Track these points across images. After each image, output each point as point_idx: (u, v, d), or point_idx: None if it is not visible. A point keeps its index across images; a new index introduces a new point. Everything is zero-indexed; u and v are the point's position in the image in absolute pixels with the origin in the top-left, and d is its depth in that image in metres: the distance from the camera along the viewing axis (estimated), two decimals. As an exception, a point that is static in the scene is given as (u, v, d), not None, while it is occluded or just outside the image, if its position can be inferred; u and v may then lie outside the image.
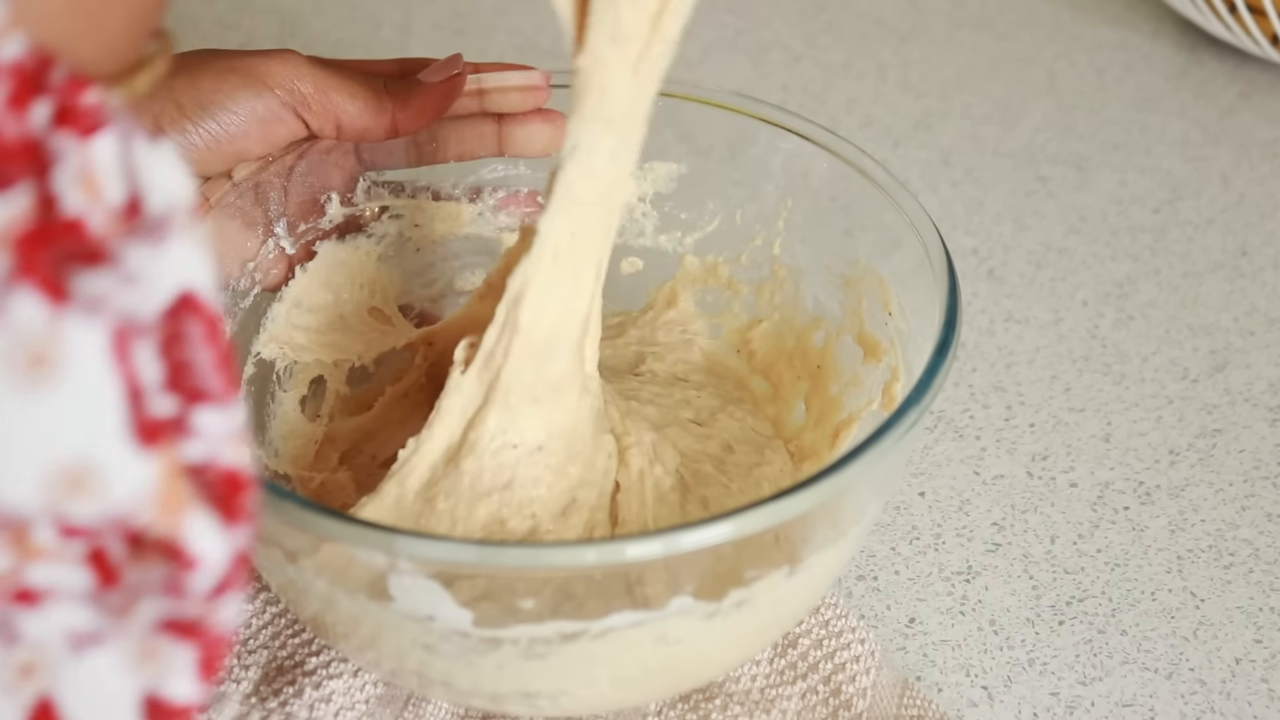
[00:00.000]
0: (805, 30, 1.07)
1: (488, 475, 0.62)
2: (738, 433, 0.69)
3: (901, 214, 0.66)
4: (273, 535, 0.57)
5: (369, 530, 0.54)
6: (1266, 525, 0.73)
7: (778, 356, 0.74)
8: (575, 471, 0.63)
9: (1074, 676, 0.67)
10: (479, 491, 0.61)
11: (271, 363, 0.71)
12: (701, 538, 0.53)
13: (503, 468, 0.62)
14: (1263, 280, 0.87)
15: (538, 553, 0.54)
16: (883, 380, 0.68)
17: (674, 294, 0.76)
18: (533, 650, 0.56)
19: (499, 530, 0.62)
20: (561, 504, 0.62)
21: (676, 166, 0.75)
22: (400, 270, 0.75)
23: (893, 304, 0.68)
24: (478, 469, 0.62)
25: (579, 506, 0.63)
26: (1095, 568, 0.71)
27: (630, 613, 0.56)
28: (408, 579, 0.54)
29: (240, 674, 0.65)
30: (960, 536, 0.73)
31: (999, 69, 1.03)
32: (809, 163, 0.71)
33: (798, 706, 0.65)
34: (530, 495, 0.62)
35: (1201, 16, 1.01)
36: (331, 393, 0.73)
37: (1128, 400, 0.80)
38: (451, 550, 0.54)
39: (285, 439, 0.71)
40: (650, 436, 0.66)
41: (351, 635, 0.59)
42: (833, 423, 0.70)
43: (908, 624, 0.69)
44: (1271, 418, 0.79)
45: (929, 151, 0.96)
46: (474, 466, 0.62)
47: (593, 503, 0.63)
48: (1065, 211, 0.92)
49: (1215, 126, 0.98)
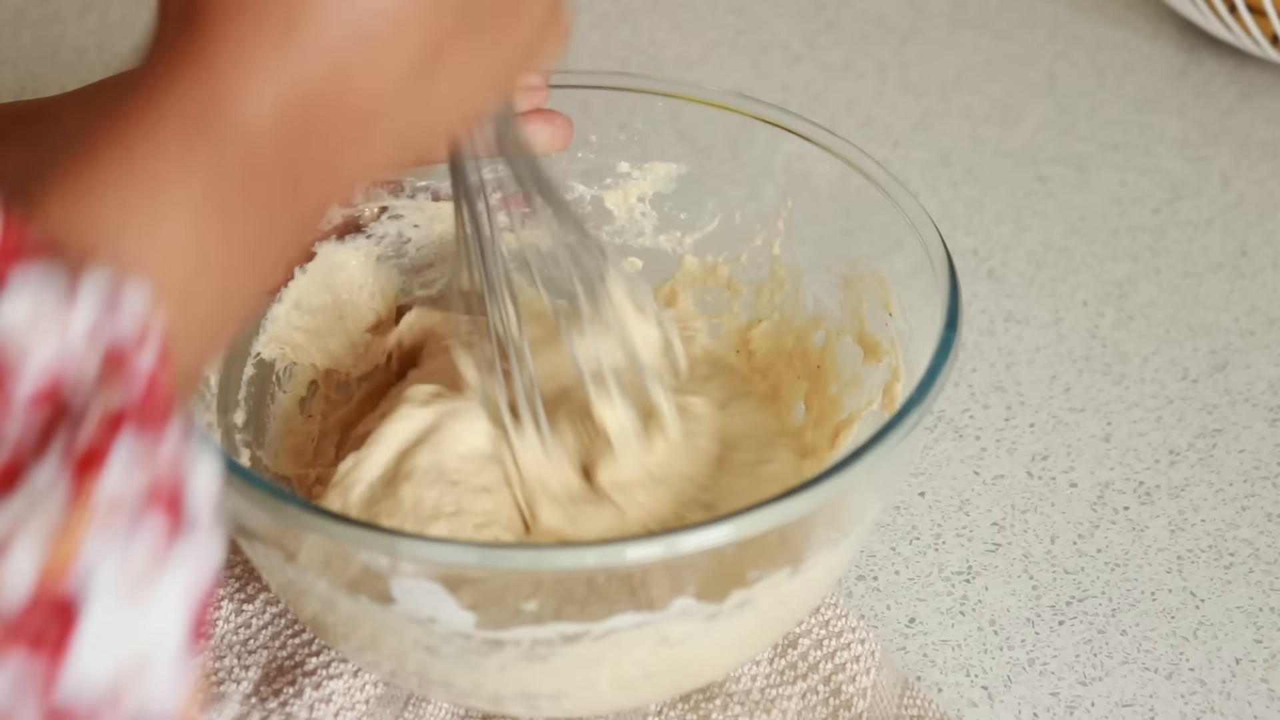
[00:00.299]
0: (805, 30, 1.07)
1: (429, 504, 0.62)
2: (743, 428, 0.69)
3: (902, 214, 0.66)
4: (273, 536, 0.57)
5: (371, 532, 0.54)
6: (1266, 525, 0.73)
7: (777, 356, 0.74)
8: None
9: (1074, 676, 0.67)
10: (423, 515, 0.62)
11: (271, 363, 0.71)
12: (703, 539, 0.53)
13: (444, 499, 0.63)
14: (1263, 280, 0.87)
15: (540, 555, 0.54)
16: (883, 380, 0.68)
17: (673, 294, 0.76)
18: (534, 652, 0.56)
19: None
20: (513, 509, 0.63)
21: (676, 167, 0.75)
22: (399, 271, 0.75)
23: (893, 304, 0.68)
24: (416, 498, 0.62)
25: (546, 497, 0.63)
26: (1095, 568, 0.71)
27: (633, 614, 0.56)
28: (410, 581, 0.54)
29: (240, 674, 0.65)
30: (960, 536, 0.73)
31: (999, 69, 1.03)
32: (809, 163, 0.71)
33: (798, 706, 0.65)
34: (482, 509, 0.63)
35: (1201, 17, 1.01)
36: (321, 395, 0.73)
37: (1128, 400, 0.80)
38: (454, 553, 0.54)
39: (284, 437, 0.71)
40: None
41: (351, 636, 0.59)
42: (832, 423, 0.70)
43: (908, 624, 0.69)
44: (1271, 418, 0.79)
45: (929, 151, 0.96)
46: (412, 495, 0.63)
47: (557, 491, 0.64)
48: (1065, 211, 0.92)
49: (1215, 126, 0.98)
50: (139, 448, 0.38)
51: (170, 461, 0.39)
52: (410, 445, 0.64)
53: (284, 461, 0.70)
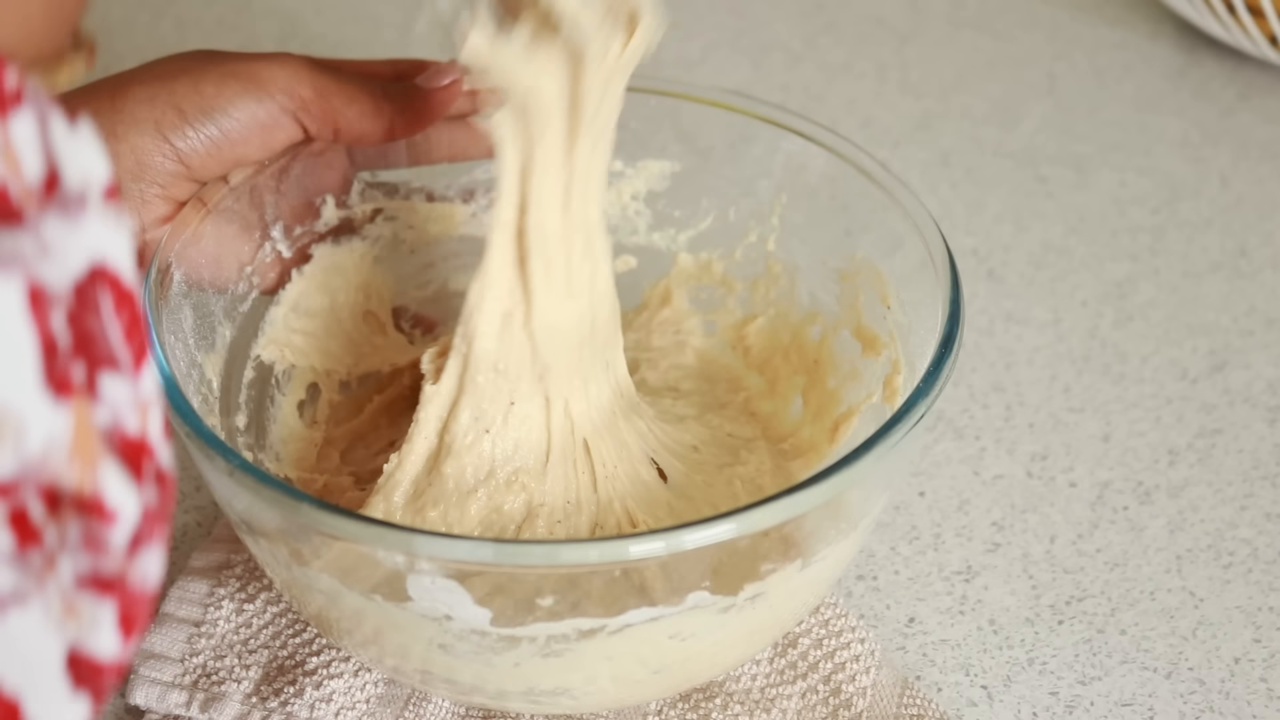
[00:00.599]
0: (805, 30, 1.07)
1: (469, 471, 0.63)
2: (706, 437, 0.70)
3: (903, 212, 0.67)
4: (279, 534, 0.57)
5: (389, 530, 0.54)
6: (1265, 525, 0.73)
7: (773, 352, 0.74)
8: (537, 411, 0.64)
9: (1073, 676, 0.67)
10: (464, 490, 0.62)
11: (270, 365, 0.71)
12: (706, 535, 0.54)
13: (481, 459, 0.63)
14: (1262, 280, 0.87)
15: (555, 550, 0.54)
16: (883, 374, 0.68)
17: (668, 292, 0.76)
18: (550, 647, 0.57)
19: (497, 519, 0.63)
20: (542, 451, 0.64)
21: (669, 164, 0.75)
22: (395, 272, 0.75)
23: (891, 298, 0.68)
24: (459, 469, 0.63)
25: (555, 450, 0.64)
26: (1095, 567, 0.71)
27: (648, 608, 0.56)
28: (427, 579, 0.54)
29: (241, 674, 0.65)
30: (960, 536, 0.73)
31: (999, 69, 1.03)
32: (809, 162, 0.71)
33: (798, 706, 0.65)
34: (514, 466, 0.63)
35: (1200, 17, 1.01)
36: (325, 401, 0.73)
37: (1127, 400, 0.80)
38: (470, 549, 0.54)
39: (285, 442, 0.71)
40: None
41: (355, 631, 0.60)
42: (831, 417, 0.70)
43: (907, 624, 0.69)
44: (1270, 418, 0.79)
45: (929, 152, 0.96)
46: (454, 468, 0.63)
47: (565, 445, 0.64)
48: (1065, 212, 0.92)
49: (1214, 127, 0.98)
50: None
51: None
52: (447, 416, 0.64)
53: (286, 465, 0.70)
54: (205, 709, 0.64)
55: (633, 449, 0.66)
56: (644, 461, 0.66)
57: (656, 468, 0.66)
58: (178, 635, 0.66)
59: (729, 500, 0.66)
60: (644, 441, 0.66)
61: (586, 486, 0.64)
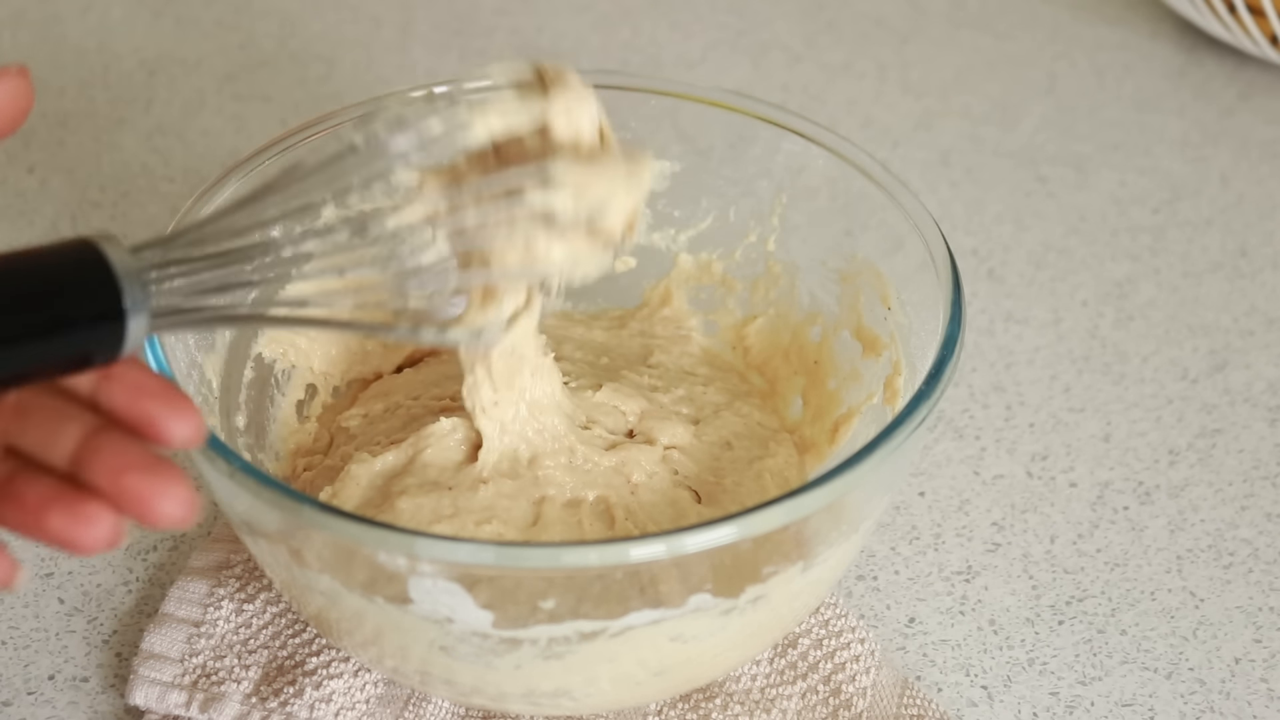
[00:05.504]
0: (805, 30, 1.07)
1: (427, 510, 0.63)
2: (740, 429, 0.69)
3: (903, 212, 0.67)
4: (279, 535, 0.57)
5: (391, 533, 0.54)
6: (1266, 525, 0.73)
7: (773, 352, 0.74)
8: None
9: (1074, 676, 0.67)
10: (422, 522, 0.62)
11: (271, 365, 0.71)
12: (707, 539, 0.54)
13: (441, 501, 0.63)
14: (1262, 280, 0.87)
15: (556, 553, 0.54)
16: (883, 374, 0.68)
17: (668, 292, 0.76)
18: (551, 650, 0.57)
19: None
20: (529, 518, 0.63)
21: (669, 164, 0.75)
22: None
23: (891, 298, 0.68)
24: (415, 506, 0.63)
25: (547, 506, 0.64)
26: (1095, 567, 0.71)
27: (649, 611, 0.56)
28: (428, 581, 0.54)
29: (240, 674, 0.65)
30: (960, 536, 0.73)
31: (999, 69, 1.03)
32: (809, 162, 0.71)
33: (798, 706, 0.65)
34: (480, 506, 0.63)
35: (1201, 17, 1.01)
36: (319, 401, 0.73)
37: (1127, 400, 0.80)
38: (472, 552, 0.54)
39: (285, 442, 0.71)
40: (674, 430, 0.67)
41: (355, 632, 0.59)
42: (831, 417, 0.70)
43: (907, 624, 0.69)
44: (1271, 418, 0.79)
45: (929, 151, 0.96)
46: (410, 505, 0.63)
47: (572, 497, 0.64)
48: (1065, 211, 0.92)
49: (1215, 127, 0.98)
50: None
51: None
52: (394, 473, 0.65)
53: (285, 465, 0.70)
54: (205, 709, 0.64)
55: (659, 485, 0.66)
56: (674, 489, 0.66)
57: (688, 488, 0.66)
58: (177, 635, 0.66)
59: (758, 497, 0.66)
60: (668, 466, 0.67)
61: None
